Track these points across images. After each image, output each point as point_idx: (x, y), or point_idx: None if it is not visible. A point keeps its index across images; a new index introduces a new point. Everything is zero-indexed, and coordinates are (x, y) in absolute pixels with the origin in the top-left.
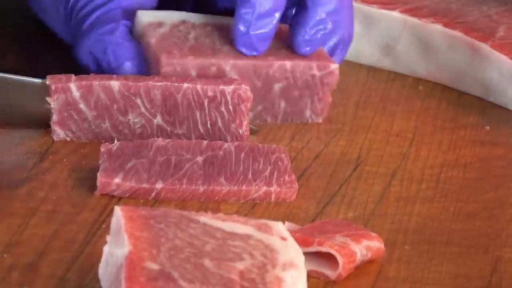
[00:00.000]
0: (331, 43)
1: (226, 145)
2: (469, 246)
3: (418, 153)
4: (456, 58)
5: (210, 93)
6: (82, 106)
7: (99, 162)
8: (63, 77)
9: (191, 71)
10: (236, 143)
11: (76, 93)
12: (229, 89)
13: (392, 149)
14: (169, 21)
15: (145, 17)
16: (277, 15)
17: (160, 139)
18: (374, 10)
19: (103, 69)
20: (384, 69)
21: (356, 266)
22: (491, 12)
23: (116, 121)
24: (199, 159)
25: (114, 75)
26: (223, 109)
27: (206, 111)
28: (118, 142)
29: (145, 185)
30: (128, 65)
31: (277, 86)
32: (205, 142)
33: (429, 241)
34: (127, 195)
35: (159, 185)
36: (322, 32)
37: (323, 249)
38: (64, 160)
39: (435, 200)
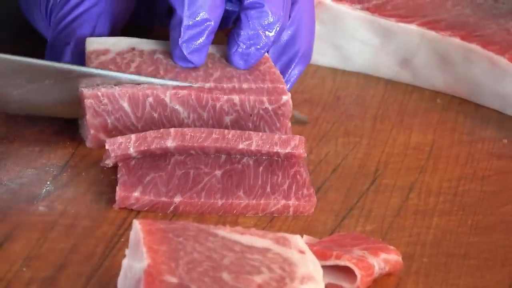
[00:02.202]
0: (284, 57)
1: (244, 159)
2: (487, 259)
3: (436, 166)
4: (473, 71)
5: (264, 152)
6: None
7: (118, 176)
8: (122, 141)
9: (121, 102)
10: (254, 157)
11: (135, 154)
12: (284, 151)
13: (410, 162)
14: (116, 48)
15: (92, 44)
16: (209, 24)
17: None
18: (392, 23)
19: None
20: (401, 82)
21: (374, 279)
22: (508, 25)
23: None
24: (218, 172)
25: (170, 132)
26: (275, 158)
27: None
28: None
29: (163, 199)
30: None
31: (227, 118)
32: (223, 156)
33: (447, 254)
34: (146, 208)
35: (177, 199)
36: (257, 47)
37: (341, 262)
38: (83, 173)
39: (452, 213)
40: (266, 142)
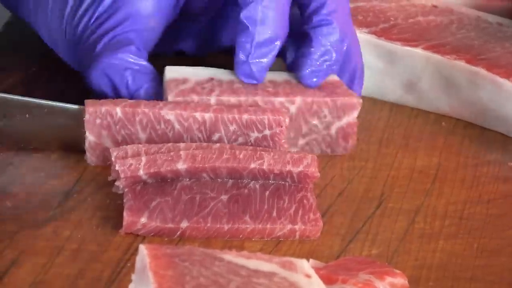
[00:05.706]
0: (346, 74)
1: (251, 183)
2: (493, 282)
3: (441, 190)
4: (478, 95)
5: (276, 171)
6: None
7: (124, 201)
8: (132, 162)
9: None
10: (261, 182)
11: (144, 176)
12: (296, 170)
13: (416, 185)
14: (195, 77)
15: (171, 73)
16: (277, 43)
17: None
18: (397, 47)
19: (120, 92)
20: (407, 106)
21: None
22: None
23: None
24: (224, 197)
25: (180, 154)
26: (288, 179)
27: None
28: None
29: (170, 225)
30: (146, 88)
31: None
32: (230, 181)
33: (453, 278)
34: (152, 234)
35: (184, 224)
36: (328, 63)
37: (347, 286)
38: (89, 199)
39: (458, 236)
40: (277, 162)
